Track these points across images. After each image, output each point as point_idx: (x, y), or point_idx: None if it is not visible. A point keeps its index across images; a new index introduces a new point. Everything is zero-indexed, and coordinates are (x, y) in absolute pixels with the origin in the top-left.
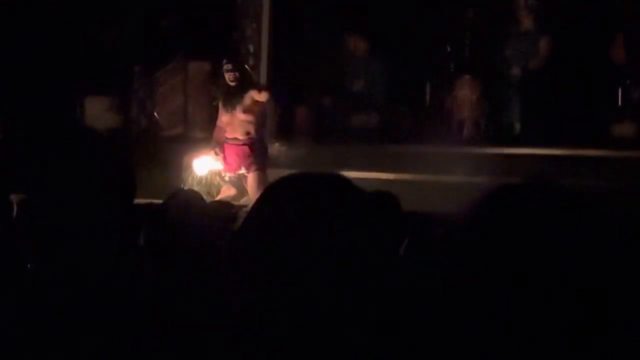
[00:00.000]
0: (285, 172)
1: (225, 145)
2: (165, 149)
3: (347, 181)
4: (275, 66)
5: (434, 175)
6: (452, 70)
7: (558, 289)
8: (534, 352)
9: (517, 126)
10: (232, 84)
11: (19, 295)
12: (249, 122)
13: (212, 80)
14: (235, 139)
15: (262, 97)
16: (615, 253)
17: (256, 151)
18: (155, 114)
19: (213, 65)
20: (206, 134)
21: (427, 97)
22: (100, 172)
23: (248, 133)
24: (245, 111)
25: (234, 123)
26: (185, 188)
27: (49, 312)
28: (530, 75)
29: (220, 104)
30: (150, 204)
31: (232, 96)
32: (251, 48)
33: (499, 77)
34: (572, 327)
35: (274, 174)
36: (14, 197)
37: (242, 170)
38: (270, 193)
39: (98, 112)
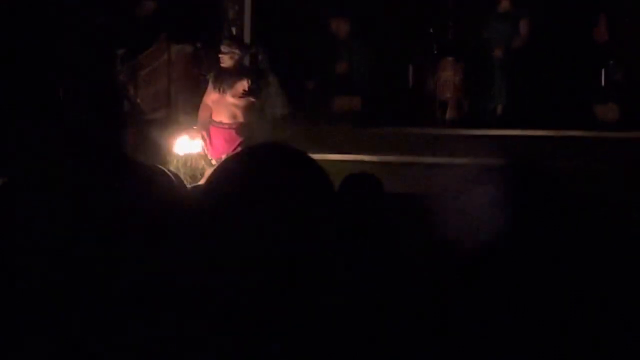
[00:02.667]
0: None
1: (212, 129)
2: (148, 132)
3: (300, 154)
4: (258, 49)
5: (417, 157)
6: (435, 52)
7: (543, 269)
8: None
9: (500, 107)
10: (226, 65)
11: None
12: (237, 107)
13: (195, 63)
14: (221, 122)
15: (250, 99)
16: (600, 234)
17: (243, 135)
18: (138, 97)
19: (196, 47)
20: (189, 116)
21: (410, 79)
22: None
23: (235, 117)
24: (234, 96)
25: (221, 104)
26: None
27: (29, 289)
28: (513, 57)
29: (210, 82)
30: None
31: (225, 78)
32: (234, 30)
33: (481, 59)
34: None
35: None
36: None
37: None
38: (224, 166)
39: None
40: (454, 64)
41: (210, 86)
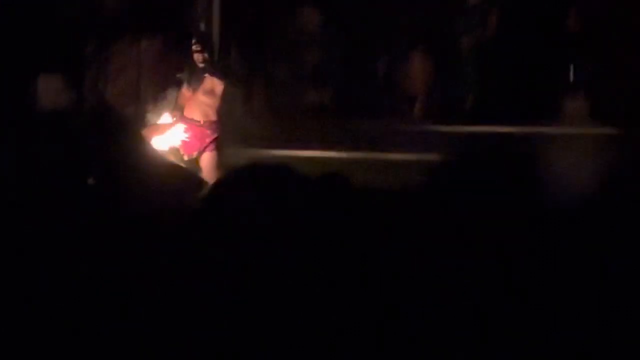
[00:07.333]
0: (239, 149)
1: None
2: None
3: (294, 172)
4: (227, 42)
5: (385, 154)
6: (405, 44)
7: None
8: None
9: (469, 100)
10: (201, 65)
11: None
12: (208, 105)
13: (164, 59)
14: (193, 119)
15: (218, 91)
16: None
17: (215, 133)
18: (106, 93)
19: (165, 43)
20: (158, 112)
21: (380, 71)
22: (52, 151)
23: (206, 115)
24: (205, 93)
25: (193, 101)
26: None
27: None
28: (482, 49)
29: (184, 82)
30: None
31: (196, 76)
32: (202, 26)
33: (451, 51)
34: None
35: (228, 152)
36: None
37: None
38: (218, 191)
39: (51, 91)
40: (423, 56)
41: (184, 85)
